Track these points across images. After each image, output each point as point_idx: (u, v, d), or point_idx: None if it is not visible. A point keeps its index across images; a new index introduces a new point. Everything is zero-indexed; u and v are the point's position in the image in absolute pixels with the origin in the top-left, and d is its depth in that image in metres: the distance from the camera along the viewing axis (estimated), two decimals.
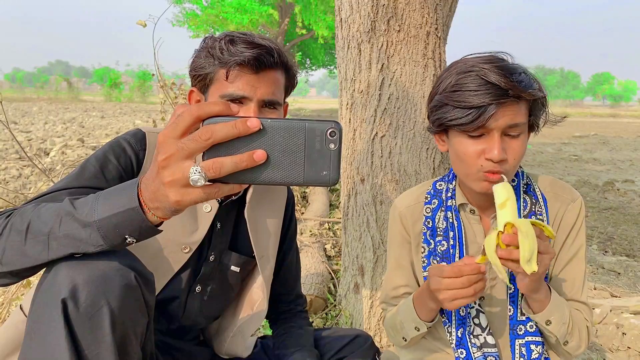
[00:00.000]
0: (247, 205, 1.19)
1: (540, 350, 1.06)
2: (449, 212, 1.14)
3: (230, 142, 0.58)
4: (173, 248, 1.10)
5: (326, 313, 2.27)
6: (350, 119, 1.99)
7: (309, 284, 2.37)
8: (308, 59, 26.21)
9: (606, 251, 3.70)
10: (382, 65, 1.86)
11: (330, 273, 2.65)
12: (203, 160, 0.58)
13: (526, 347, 1.06)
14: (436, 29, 1.86)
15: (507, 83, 0.93)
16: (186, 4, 20.06)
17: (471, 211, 1.12)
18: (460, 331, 1.10)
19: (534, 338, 1.06)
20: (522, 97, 0.95)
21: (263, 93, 1.04)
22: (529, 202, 1.10)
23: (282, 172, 0.59)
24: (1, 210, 0.83)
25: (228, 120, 0.58)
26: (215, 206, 1.14)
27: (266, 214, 1.25)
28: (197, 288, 1.17)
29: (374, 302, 1.96)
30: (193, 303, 1.18)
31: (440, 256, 1.13)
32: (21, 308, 0.93)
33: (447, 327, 1.14)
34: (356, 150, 1.97)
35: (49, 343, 0.72)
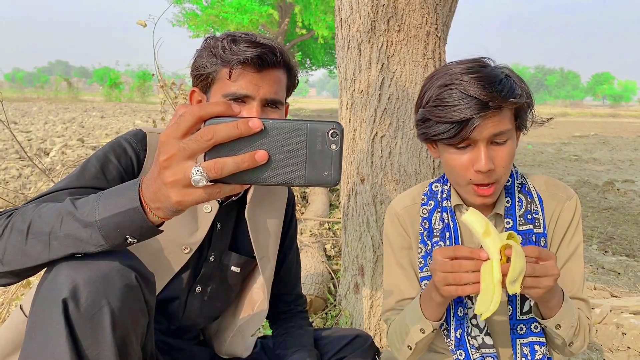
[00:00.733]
0: (248, 205, 1.19)
1: (544, 350, 1.05)
2: (445, 213, 1.13)
3: (231, 143, 0.58)
4: (173, 248, 1.10)
5: (326, 313, 2.27)
6: (350, 119, 1.99)
7: (309, 284, 2.37)
8: (308, 59, 26.20)
9: (606, 251, 3.70)
10: (382, 65, 1.86)
11: (330, 273, 2.65)
12: (205, 160, 0.58)
13: (530, 348, 1.06)
14: (436, 29, 1.86)
15: (487, 95, 0.91)
16: (186, 4, 20.06)
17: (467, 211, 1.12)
18: (459, 332, 1.10)
19: (539, 339, 1.06)
20: (504, 106, 0.94)
21: (266, 92, 1.04)
22: (524, 202, 1.10)
23: (284, 173, 0.59)
24: (2, 210, 0.83)
25: (230, 120, 0.58)
26: (215, 206, 1.13)
27: (266, 214, 1.25)
28: (198, 288, 1.17)
29: (374, 302, 1.96)
30: (193, 303, 1.18)
31: None
32: (21, 308, 0.93)
33: (445, 329, 1.13)
34: (356, 150, 1.97)
35: (50, 343, 0.72)
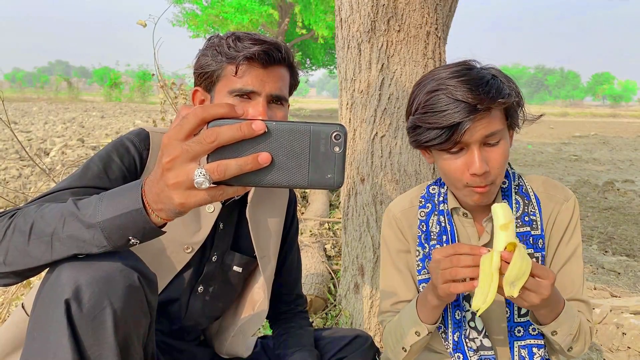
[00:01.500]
0: (249, 205, 1.19)
1: (542, 353, 1.05)
2: (442, 216, 1.13)
3: (235, 145, 0.58)
4: (175, 248, 1.10)
5: (326, 313, 2.27)
6: (350, 119, 1.99)
7: (309, 284, 2.37)
8: (308, 59, 26.18)
9: (606, 251, 3.70)
10: (382, 65, 1.86)
11: (330, 273, 2.65)
12: (207, 162, 0.58)
13: (528, 350, 1.05)
14: (436, 29, 1.87)
15: (475, 98, 0.91)
16: (186, 4, 20.05)
17: (464, 214, 1.11)
18: (456, 335, 1.10)
19: (537, 341, 1.05)
20: (493, 107, 0.94)
21: (271, 88, 1.05)
22: (522, 203, 1.09)
23: (287, 175, 0.59)
24: (3, 210, 0.84)
25: (233, 122, 0.58)
26: (218, 207, 1.14)
27: (268, 214, 1.25)
28: (200, 288, 1.18)
29: (374, 302, 1.96)
30: (195, 303, 1.18)
31: None
32: (23, 307, 0.93)
33: (443, 332, 1.12)
34: (356, 150, 1.98)
35: (52, 343, 0.72)
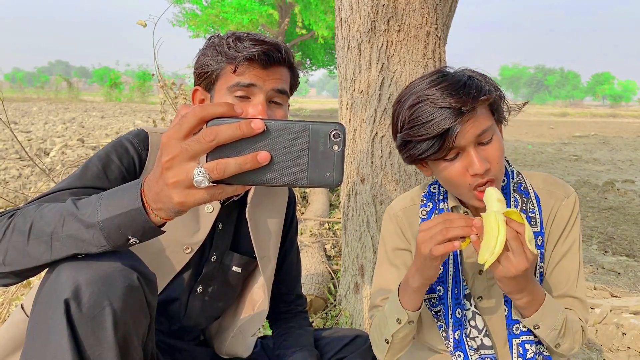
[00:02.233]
0: (248, 205, 1.19)
1: (534, 349, 1.05)
2: None
3: (234, 144, 0.58)
4: (175, 248, 1.10)
5: (326, 313, 2.27)
6: (350, 119, 1.99)
7: (309, 284, 2.37)
8: (308, 59, 26.19)
9: (606, 251, 3.70)
10: (382, 65, 1.86)
11: (330, 273, 2.65)
12: (207, 161, 0.58)
13: (522, 347, 1.06)
14: (436, 29, 1.86)
15: (457, 101, 0.92)
16: (186, 4, 20.07)
17: (464, 212, 1.12)
18: (457, 333, 1.10)
19: (528, 337, 1.06)
20: (477, 106, 0.95)
21: (272, 84, 1.05)
22: (520, 201, 1.10)
23: (286, 174, 0.59)
24: (3, 210, 0.83)
25: (232, 121, 0.58)
26: (217, 207, 1.14)
27: (267, 214, 1.25)
28: (199, 288, 1.18)
29: None
30: (194, 303, 1.18)
31: None
32: (22, 307, 0.93)
33: (444, 331, 1.13)
34: (356, 150, 1.98)
35: (51, 343, 0.72)
